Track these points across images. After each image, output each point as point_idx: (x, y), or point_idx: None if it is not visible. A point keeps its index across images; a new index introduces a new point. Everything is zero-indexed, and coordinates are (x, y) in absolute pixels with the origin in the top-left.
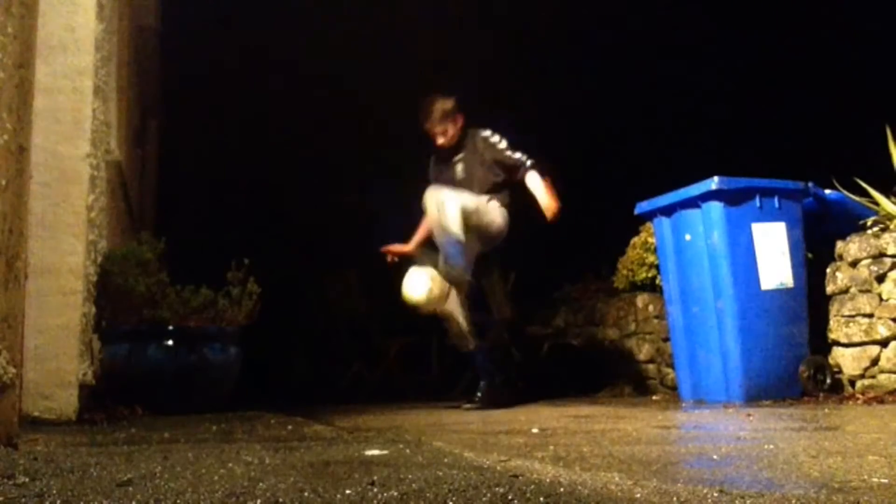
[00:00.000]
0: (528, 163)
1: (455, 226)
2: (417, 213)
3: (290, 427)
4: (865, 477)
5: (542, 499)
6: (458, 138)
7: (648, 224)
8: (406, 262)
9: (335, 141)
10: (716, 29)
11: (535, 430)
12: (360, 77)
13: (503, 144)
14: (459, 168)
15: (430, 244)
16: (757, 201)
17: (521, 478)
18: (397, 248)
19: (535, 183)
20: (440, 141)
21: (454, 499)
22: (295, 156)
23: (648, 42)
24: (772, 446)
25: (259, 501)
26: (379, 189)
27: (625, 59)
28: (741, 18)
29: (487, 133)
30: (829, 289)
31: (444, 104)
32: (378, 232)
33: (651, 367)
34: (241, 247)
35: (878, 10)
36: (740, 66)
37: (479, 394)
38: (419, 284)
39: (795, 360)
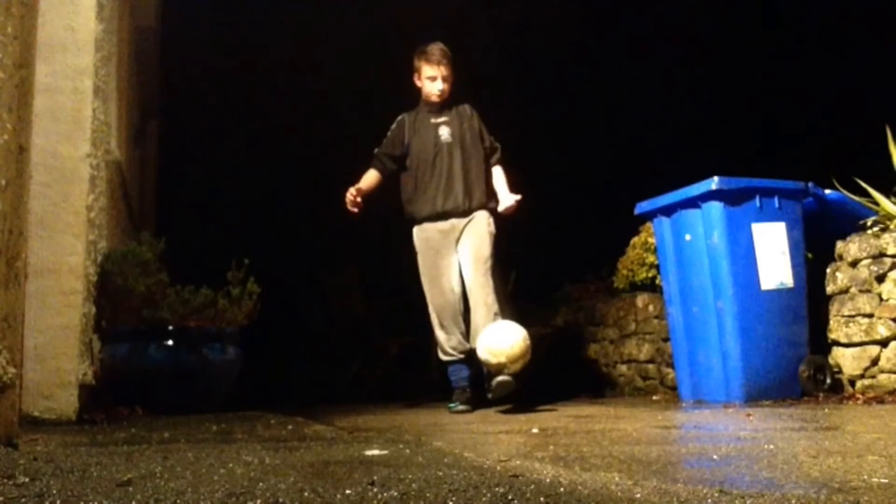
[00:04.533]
0: (498, 154)
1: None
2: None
3: (290, 427)
4: (865, 477)
5: (542, 499)
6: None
7: (648, 224)
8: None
9: (336, 140)
10: (716, 29)
11: (535, 430)
12: (361, 76)
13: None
14: (445, 130)
15: None
16: (757, 201)
17: (521, 478)
18: (357, 193)
19: (499, 179)
20: (442, 87)
21: (454, 499)
22: (295, 155)
23: (649, 42)
24: (772, 446)
25: (259, 501)
26: (379, 188)
27: (625, 58)
28: (741, 18)
29: (469, 105)
30: (829, 289)
31: (445, 47)
32: (378, 231)
33: (651, 367)
34: (241, 247)
35: (878, 10)
36: (740, 65)
37: (461, 399)
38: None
39: (795, 360)
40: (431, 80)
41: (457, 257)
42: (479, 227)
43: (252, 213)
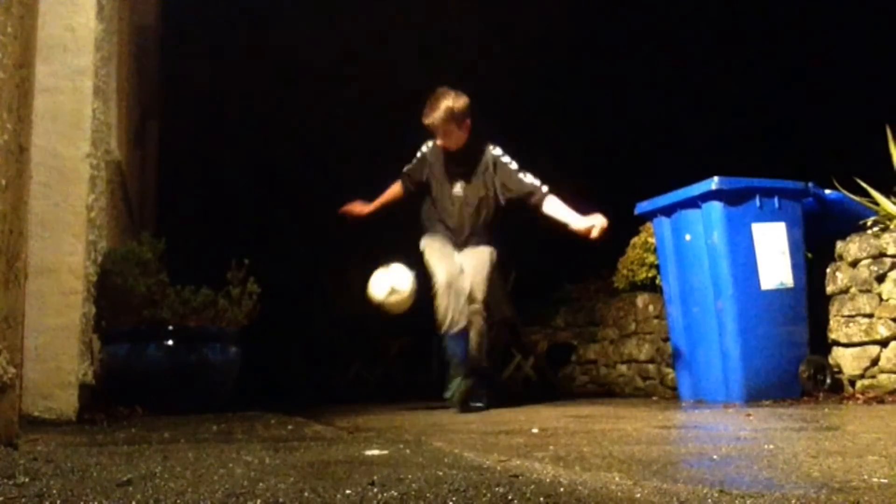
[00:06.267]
0: (545, 188)
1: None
2: (415, 206)
3: (290, 427)
4: (865, 477)
5: (542, 499)
6: (464, 146)
7: (648, 224)
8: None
9: (336, 140)
10: (716, 29)
11: (535, 430)
12: (361, 75)
13: (514, 166)
14: (459, 186)
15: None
16: (757, 201)
17: (521, 478)
18: (356, 209)
19: (559, 208)
20: (440, 143)
21: (454, 499)
22: (295, 155)
23: (649, 42)
24: (772, 446)
25: (259, 501)
26: (379, 188)
27: (625, 59)
28: (741, 18)
29: (499, 152)
30: (829, 289)
31: (454, 102)
32: (378, 231)
33: (651, 367)
34: (241, 247)
35: (878, 10)
36: (740, 65)
37: (451, 391)
38: (400, 278)
39: (795, 360)
40: (431, 132)
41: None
42: (481, 251)
43: (252, 212)
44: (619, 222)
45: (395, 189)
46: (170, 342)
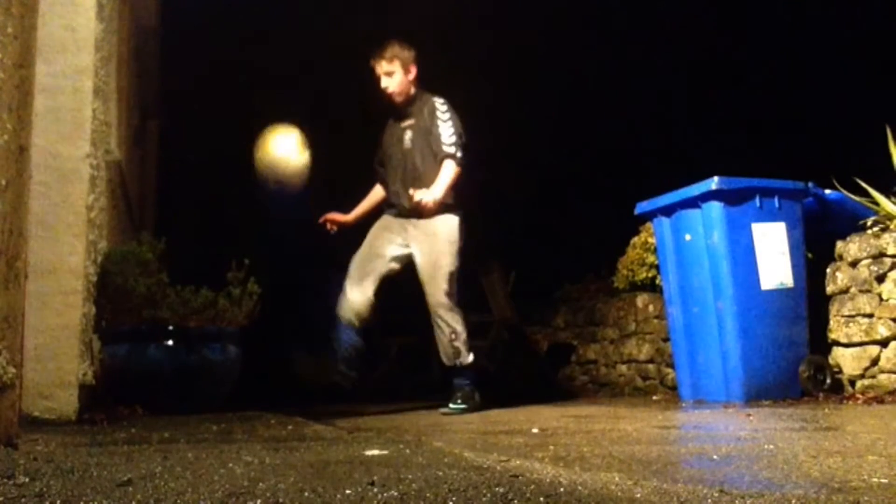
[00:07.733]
0: (450, 153)
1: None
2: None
3: (290, 427)
4: (865, 477)
5: (542, 499)
6: (409, 97)
7: (648, 224)
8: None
9: (335, 140)
10: (715, 28)
11: (535, 430)
12: (363, 74)
13: (446, 118)
14: (408, 136)
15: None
16: (757, 201)
17: (521, 478)
18: (337, 217)
19: (443, 174)
20: (384, 85)
21: (454, 499)
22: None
23: (648, 41)
24: (772, 446)
25: (259, 501)
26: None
27: (625, 58)
28: (741, 18)
29: (439, 102)
30: (829, 289)
31: (398, 47)
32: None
33: (651, 367)
34: (241, 247)
35: (878, 10)
36: (740, 65)
37: (459, 399)
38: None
39: (795, 360)
40: (378, 80)
41: (391, 262)
42: (438, 241)
43: (252, 212)
44: (619, 222)
45: (375, 190)
46: (170, 342)
